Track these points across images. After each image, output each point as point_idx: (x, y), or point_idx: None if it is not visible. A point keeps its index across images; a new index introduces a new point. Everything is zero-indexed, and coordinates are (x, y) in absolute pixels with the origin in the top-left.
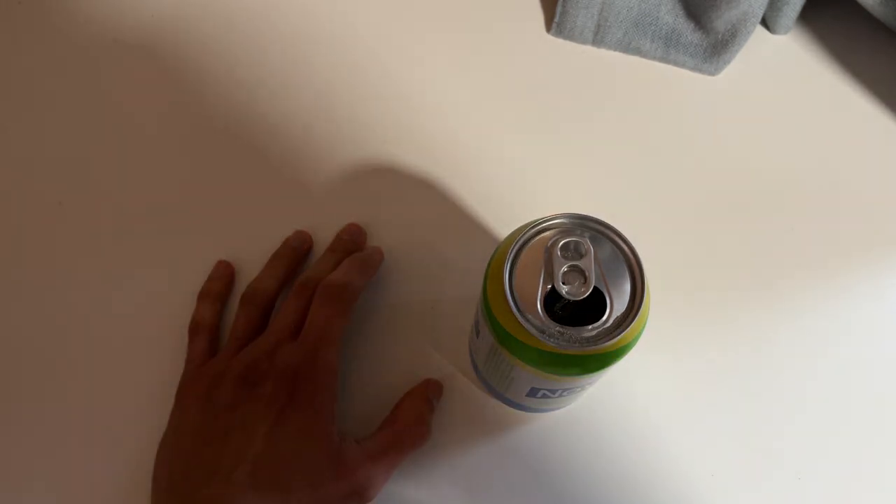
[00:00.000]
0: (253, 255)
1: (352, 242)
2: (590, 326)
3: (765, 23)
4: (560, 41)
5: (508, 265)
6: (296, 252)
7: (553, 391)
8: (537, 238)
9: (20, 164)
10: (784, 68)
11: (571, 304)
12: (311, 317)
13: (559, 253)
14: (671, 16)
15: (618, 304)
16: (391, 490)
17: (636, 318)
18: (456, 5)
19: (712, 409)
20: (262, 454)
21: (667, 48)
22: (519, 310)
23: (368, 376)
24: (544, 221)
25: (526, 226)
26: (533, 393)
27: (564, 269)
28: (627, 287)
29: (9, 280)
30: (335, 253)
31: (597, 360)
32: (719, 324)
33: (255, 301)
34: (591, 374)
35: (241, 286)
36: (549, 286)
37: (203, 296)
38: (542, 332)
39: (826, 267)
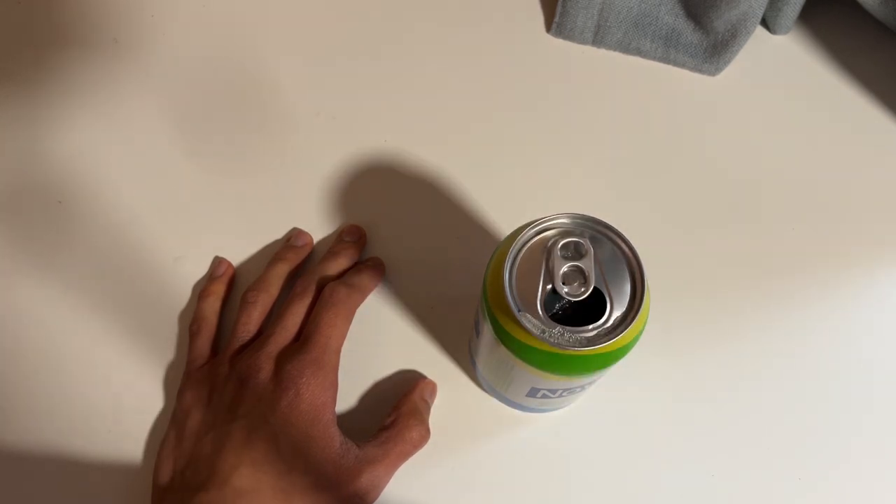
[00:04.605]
0: (253, 255)
1: (353, 243)
2: (590, 326)
3: (765, 23)
4: (560, 41)
5: (508, 265)
6: (297, 252)
7: (553, 391)
8: (537, 238)
9: (20, 163)
10: (784, 68)
11: (571, 304)
12: (315, 319)
13: (559, 253)
14: (671, 16)
15: (618, 304)
16: (391, 491)
17: (636, 319)
18: (456, 5)
19: (712, 410)
20: (262, 458)
21: (667, 48)
22: (519, 310)
23: (368, 377)
24: (544, 221)
25: (526, 226)
26: (533, 393)
27: (564, 269)
28: (627, 287)
29: (8, 279)
30: (337, 255)
31: (597, 360)
32: (719, 324)
33: (257, 301)
34: (590, 374)
35: (241, 286)
36: (549, 286)
37: (204, 295)
38: (542, 332)
39: (827, 267)
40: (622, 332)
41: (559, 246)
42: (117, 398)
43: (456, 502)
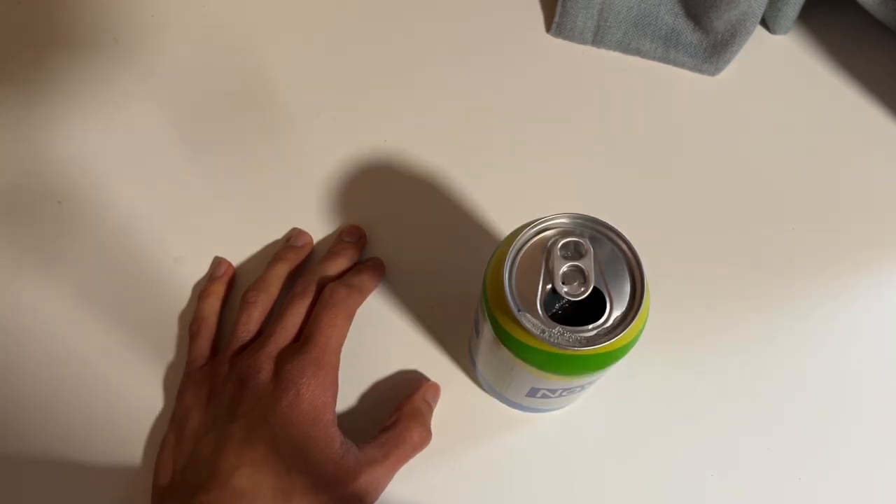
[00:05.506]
0: (253, 255)
1: (353, 243)
2: (590, 326)
3: (765, 23)
4: (560, 41)
5: (508, 265)
6: (297, 252)
7: (553, 391)
8: (537, 238)
9: (20, 163)
10: (784, 68)
11: (571, 304)
12: (315, 319)
13: (559, 253)
14: (671, 16)
15: (617, 304)
16: (391, 490)
17: (636, 319)
18: (456, 5)
19: (712, 410)
20: (262, 458)
21: (666, 48)
22: (519, 310)
23: (368, 377)
24: (544, 221)
25: (526, 226)
26: (533, 393)
27: (564, 269)
28: (627, 287)
29: (8, 279)
30: (337, 255)
31: (597, 360)
32: (720, 324)
33: (257, 301)
34: (590, 374)
35: (241, 286)
36: (549, 286)
37: (204, 295)
38: (542, 332)
39: (826, 267)
40: (622, 331)
41: (559, 246)
42: (117, 398)
43: (456, 502)
